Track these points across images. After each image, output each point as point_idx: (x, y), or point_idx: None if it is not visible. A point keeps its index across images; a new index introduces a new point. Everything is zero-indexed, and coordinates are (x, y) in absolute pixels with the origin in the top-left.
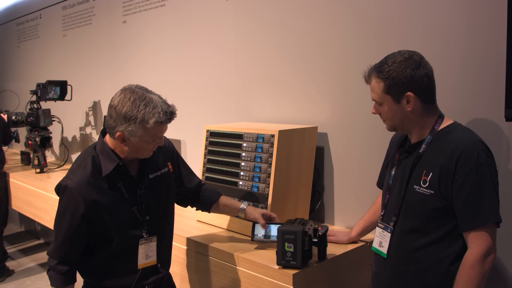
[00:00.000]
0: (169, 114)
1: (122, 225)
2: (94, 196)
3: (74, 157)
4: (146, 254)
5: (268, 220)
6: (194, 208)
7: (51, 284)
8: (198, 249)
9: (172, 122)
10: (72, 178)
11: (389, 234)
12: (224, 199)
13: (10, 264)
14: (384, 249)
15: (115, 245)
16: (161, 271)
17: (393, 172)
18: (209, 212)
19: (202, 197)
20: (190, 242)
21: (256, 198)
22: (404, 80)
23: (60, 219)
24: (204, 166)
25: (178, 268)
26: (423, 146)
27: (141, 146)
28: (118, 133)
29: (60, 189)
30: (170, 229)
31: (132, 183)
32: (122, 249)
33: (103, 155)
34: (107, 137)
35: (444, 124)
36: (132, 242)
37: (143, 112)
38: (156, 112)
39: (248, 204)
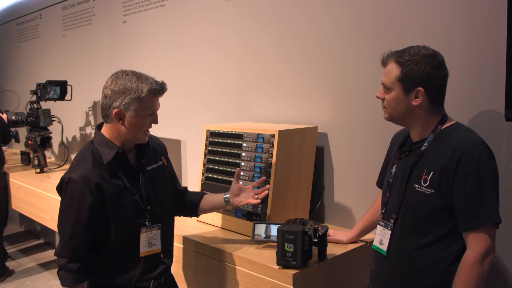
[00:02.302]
0: (161, 84)
1: (125, 214)
2: (98, 184)
3: (74, 157)
4: (149, 242)
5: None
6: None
7: (63, 284)
8: (197, 248)
9: (172, 122)
10: (74, 171)
11: (389, 232)
12: (207, 197)
13: (10, 264)
14: (384, 247)
15: (118, 237)
16: (164, 261)
17: (393, 170)
18: (197, 216)
19: (185, 203)
20: (190, 241)
21: None
22: (421, 75)
23: (66, 214)
24: (204, 166)
25: (177, 268)
26: (425, 144)
27: (137, 123)
28: (115, 111)
29: (63, 183)
30: (170, 221)
31: (132, 173)
32: (126, 241)
33: (101, 146)
34: (103, 129)
35: (446, 124)
36: (135, 231)
37: (136, 83)
38: (149, 82)
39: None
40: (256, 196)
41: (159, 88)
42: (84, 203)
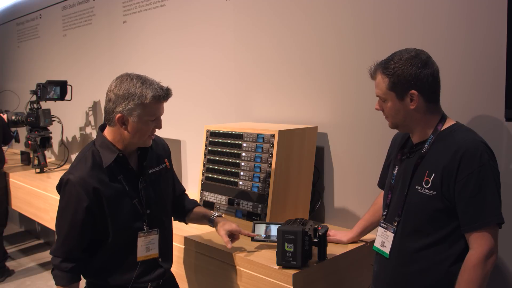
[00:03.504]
0: (166, 90)
1: (122, 217)
2: (96, 188)
3: (74, 157)
4: (146, 247)
5: (232, 236)
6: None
7: (56, 284)
8: (197, 249)
9: (172, 122)
10: (73, 172)
11: (392, 235)
12: (197, 209)
13: (10, 264)
14: (387, 249)
15: (115, 239)
16: (162, 265)
17: (395, 172)
18: (185, 223)
19: (182, 207)
20: (190, 241)
21: (256, 198)
22: (409, 78)
23: (63, 214)
24: (204, 166)
25: (177, 268)
26: (426, 146)
27: (140, 128)
28: (117, 115)
29: (61, 184)
30: (169, 225)
31: (132, 176)
32: (123, 244)
33: (103, 148)
34: (106, 131)
35: (446, 125)
36: (132, 235)
37: (141, 89)
38: (153, 88)
39: (220, 216)
40: (229, 244)
41: (164, 94)
42: (80, 205)
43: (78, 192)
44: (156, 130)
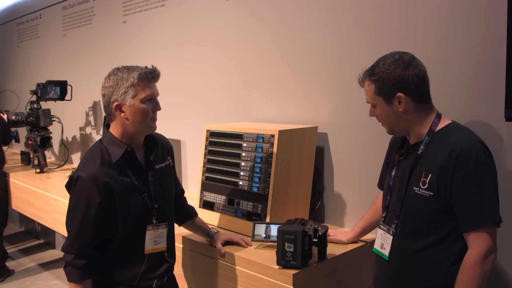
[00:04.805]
0: (152, 68)
1: (133, 212)
2: (107, 182)
3: (74, 157)
4: (154, 240)
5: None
6: None
7: (69, 280)
8: (197, 248)
9: (172, 122)
10: (83, 169)
11: (391, 237)
12: (199, 220)
13: (10, 264)
14: (386, 251)
15: (124, 234)
16: (168, 259)
17: (393, 173)
18: (179, 226)
19: (181, 209)
20: (189, 241)
21: (256, 198)
22: (393, 81)
23: (74, 211)
24: (204, 166)
25: (177, 268)
26: (421, 147)
27: (138, 111)
28: (114, 104)
29: (72, 181)
30: (173, 220)
31: (140, 171)
32: (131, 239)
33: (110, 144)
34: (111, 127)
35: (442, 124)
36: (141, 229)
37: (127, 73)
38: (139, 69)
39: (216, 232)
40: (222, 250)
41: (150, 71)
42: (92, 201)
43: (90, 188)
44: (157, 116)
